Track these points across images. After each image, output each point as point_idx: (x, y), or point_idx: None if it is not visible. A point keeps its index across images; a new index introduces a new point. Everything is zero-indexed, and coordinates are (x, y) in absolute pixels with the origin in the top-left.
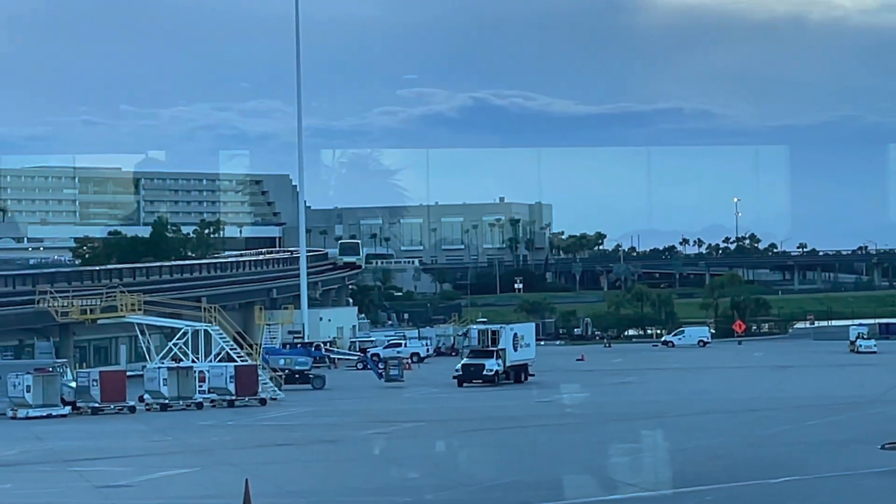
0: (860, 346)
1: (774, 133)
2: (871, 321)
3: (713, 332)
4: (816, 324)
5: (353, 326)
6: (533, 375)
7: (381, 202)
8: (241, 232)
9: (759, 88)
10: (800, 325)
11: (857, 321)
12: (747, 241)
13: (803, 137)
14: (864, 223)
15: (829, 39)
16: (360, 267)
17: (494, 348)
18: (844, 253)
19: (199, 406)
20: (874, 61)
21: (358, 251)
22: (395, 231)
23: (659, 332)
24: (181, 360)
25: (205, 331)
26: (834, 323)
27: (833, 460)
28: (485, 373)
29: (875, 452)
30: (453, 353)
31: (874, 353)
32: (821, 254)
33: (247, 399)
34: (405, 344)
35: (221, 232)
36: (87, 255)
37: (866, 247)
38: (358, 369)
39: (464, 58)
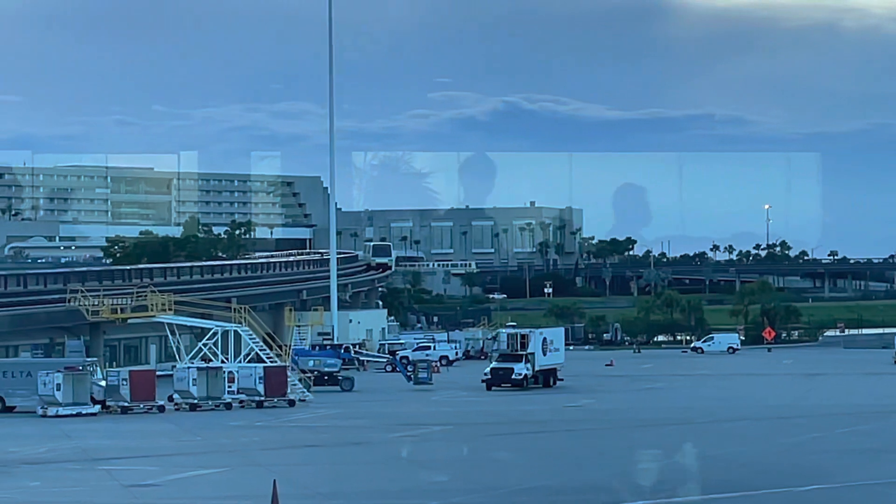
0: None
1: (806, 140)
2: None
3: (743, 338)
4: (847, 332)
5: (383, 329)
6: (562, 380)
7: (412, 205)
8: (271, 233)
9: (792, 95)
10: (830, 332)
11: (887, 330)
12: (778, 249)
13: (835, 145)
14: None
15: (862, 47)
16: (390, 268)
17: (523, 352)
18: (875, 261)
19: (228, 406)
20: None
21: (389, 253)
22: (426, 234)
23: (688, 338)
24: (211, 360)
25: (235, 331)
26: (864, 331)
27: (862, 469)
28: (513, 377)
29: None
30: (482, 357)
31: None
32: (852, 262)
33: (275, 400)
34: (434, 347)
35: (252, 233)
36: (118, 255)
37: None
38: (387, 371)
39: (495, 62)
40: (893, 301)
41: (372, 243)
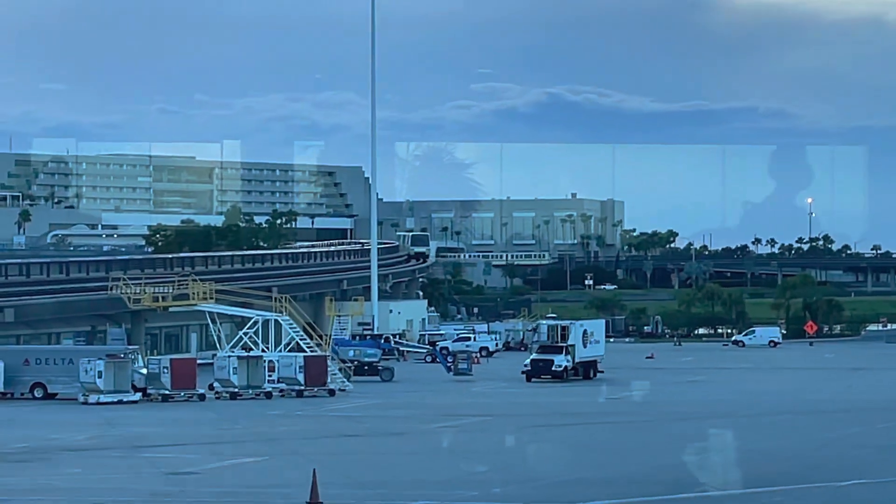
0: None
1: (850, 133)
2: None
3: (784, 332)
4: (889, 326)
5: (423, 319)
6: (602, 372)
7: (453, 196)
8: (312, 223)
9: (836, 88)
10: (872, 327)
11: None
12: (821, 242)
13: (879, 138)
14: None
15: None
16: (428, 257)
17: (563, 344)
18: None
19: (269, 395)
20: None
21: (427, 243)
22: (467, 225)
23: (729, 331)
24: (251, 349)
25: (275, 321)
26: None
27: None
28: (553, 368)
29: None
30: (522, 349)
31: None
32: (895, 256)
33: (315, 389)
34: (474, 338)
35: (293, 222)
36: (160, 243)
37: None
38: (427, 362)
39: (538, 53)
40: None
41: (410, 233)
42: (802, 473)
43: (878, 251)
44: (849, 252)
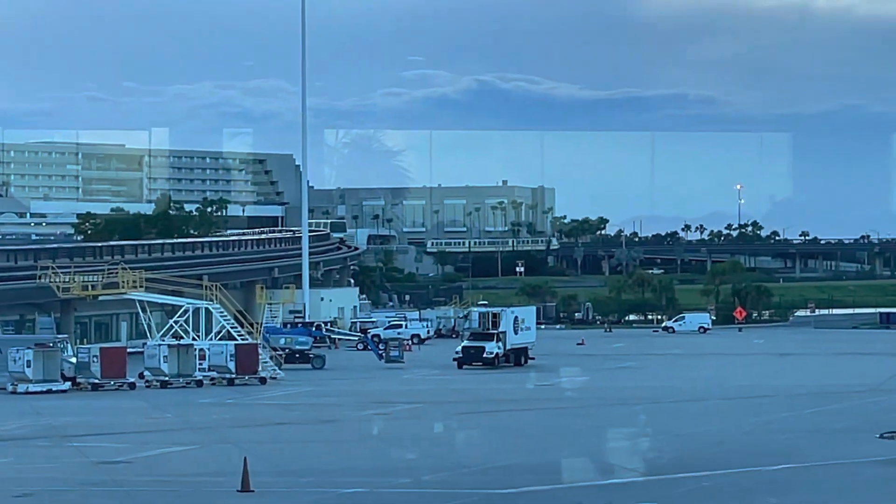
0: None
1: (778, 120)
2: (872, 310)
3: (714, 318)
4: (817, 312)
5: (354, 307)
6: (533, 359)
7: (384, 183)
8: (243, 211)
9: (764, 76)
10: (800, 313)
11: (857, 310)
12: (749, 229)
13: (807, 125)
14: (867, 212)
15: (835, 28)
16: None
17: (495, 331)
18: (846, 242)
19: (199, 384)
20: (879, 50)
21: (344, 229)
22: (398, 212)
23: (660, 317)
24: (182, 337)
25: (206, 309)
26: (835, 311)
27: (831, 449)
28: (485, 355)
29: (873, 441)
30: (454, 336)
31: None
32: (822, 242)
33: (247, 378)
34: (406, 325)
35: (224, 210)
36: (89, 232)
37: (868, 236)
38: (358, 350)
39: (469, 40)
40: (864, 281)
41: (329, 221)
42: (731, 458)
43: (807, 237)
44: (777, 238)
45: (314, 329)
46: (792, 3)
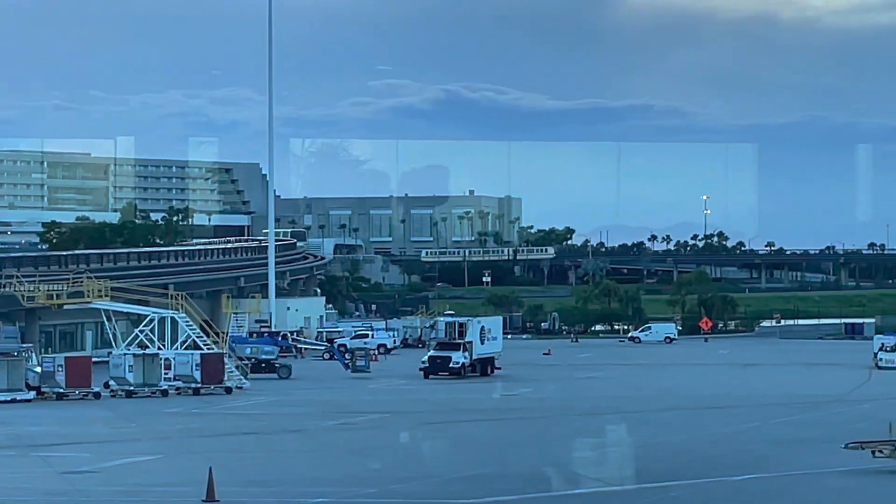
0: (881, 359)
1: (744, 131)
2: (837, 321)
3: (680, 328)
4: (783, 322)
5: (321, 316)
6: (499, 368)
7: (351, 193)
8: (209, 220)
9: (730, 87)
10: (766, 323)
11: (823, 321)
12: (715, 239)
13: (773, 136)
14: (832, 223)
15: (801, 39)
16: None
17: (461, 341)
18: (812, 252)
19: (165, 393)
20: (845, 62)
21: (304, 238)
22: (365, 222)
23: (626, 327)
24: (147, 346)
25: (171, 318)
26: (800, 322)
27: (797, 459)
28: (451, 365)
29: (838, 452)
30: (420, 345)
31: None
32: (788, 253)
33: (212, 387)
34: (372, 335)
35: (190, 219)
36: (54, 241)
37: (833, 247)
38: (325, 359)
39: (436, 50)
40: (829, 292)
41: (291, 230)
42: (697, 468)
43: (772, 248)
44: (743, 249)
45: (280, 339)
46: (758, 14)
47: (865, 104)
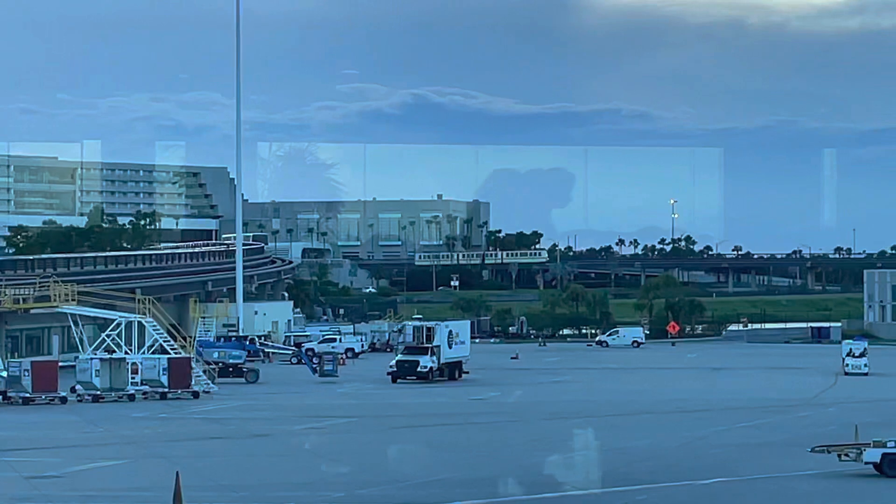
0: (848, 365)
1: (711, 136)
2: (804, 325)
3: (647, 332)
4: (750, 326)
5: (288, 321)
6: (467, 373)
7: (319, 197)
8: (177, 224)
9: (697, 91)
10: (733, 327)
11: (789, 325)
12: (683, 243)
13: (740, 141)
14: (799, 227)
15: (767, 44)
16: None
17: (429, 345)
18: (779, 257)
19: (132, 398)
20: (811, 67)
21: (266, 242)
22: (332, 226)
23: (594, 331)
24: (114, 351)
25: (139, 322)
26: (767, 326)
27: (764, 462)
28: (419, 370)
29: (805, 455)
30: (388, 350)
31: (865, 374)
32: (755, 257)
33: (179, 392)
34: (340, 339)
35: (157, 223)
36: (21, 245)
37: (800, 251)
38: (292, 364)
39: (404, 54)
40: (796, 296)
41: (252, 234)
42: (665, 472)
43: (739, 252)
44: (710, 253)
45: (248, 343)
46: (725, 19)
47: (831, 109)
